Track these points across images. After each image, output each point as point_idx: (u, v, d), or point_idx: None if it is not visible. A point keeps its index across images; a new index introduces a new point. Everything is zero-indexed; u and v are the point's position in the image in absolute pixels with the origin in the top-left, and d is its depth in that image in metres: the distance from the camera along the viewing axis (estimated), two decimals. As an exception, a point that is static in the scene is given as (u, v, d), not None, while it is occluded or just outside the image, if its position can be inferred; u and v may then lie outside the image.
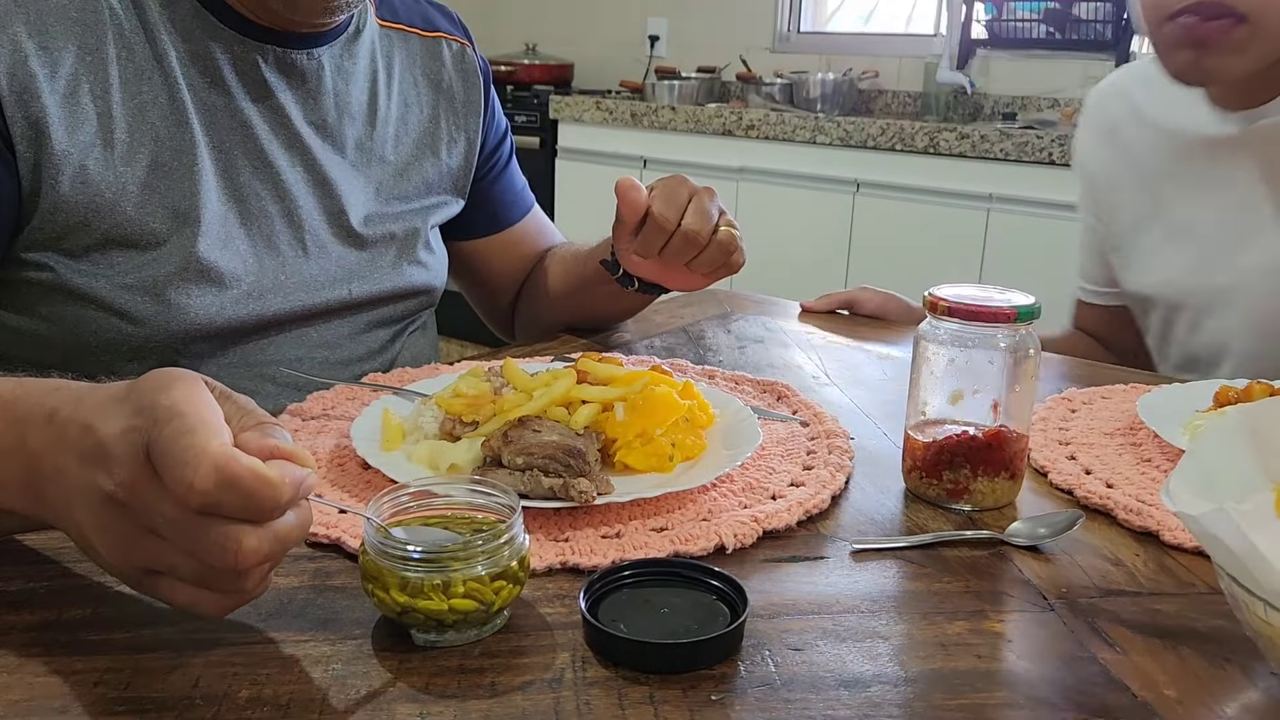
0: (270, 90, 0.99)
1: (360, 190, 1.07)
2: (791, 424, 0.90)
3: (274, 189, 0.99)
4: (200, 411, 0.51)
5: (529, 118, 3.73)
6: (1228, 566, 0.53)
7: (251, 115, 0.98)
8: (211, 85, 0.95)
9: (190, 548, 0.51)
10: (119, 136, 0.90)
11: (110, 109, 0.89)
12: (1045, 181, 2.77)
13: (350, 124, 1.06)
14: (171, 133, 0.92)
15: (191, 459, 0.49)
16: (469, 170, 1.18)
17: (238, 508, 0.50)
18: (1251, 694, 0.57)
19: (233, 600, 0.54)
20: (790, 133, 3.17)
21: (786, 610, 0.63)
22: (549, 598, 0.63)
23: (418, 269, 1.11)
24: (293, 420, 0.88)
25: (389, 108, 1.10)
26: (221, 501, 0.49)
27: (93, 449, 0.53)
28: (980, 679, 0.57)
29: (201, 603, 0.54)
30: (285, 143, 1.00)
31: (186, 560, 0.52)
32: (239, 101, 0.97)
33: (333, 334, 1.05)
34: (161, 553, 0.52)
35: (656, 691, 0.54)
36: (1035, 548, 0.72)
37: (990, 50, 3.42)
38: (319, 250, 1.02)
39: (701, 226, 0.98)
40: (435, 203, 1.15)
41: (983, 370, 0.76)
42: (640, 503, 0.73)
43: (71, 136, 0.87)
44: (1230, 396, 0.92)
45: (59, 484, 0.55)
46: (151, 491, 0.51)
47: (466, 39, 1.19)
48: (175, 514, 0.50)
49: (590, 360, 0.86)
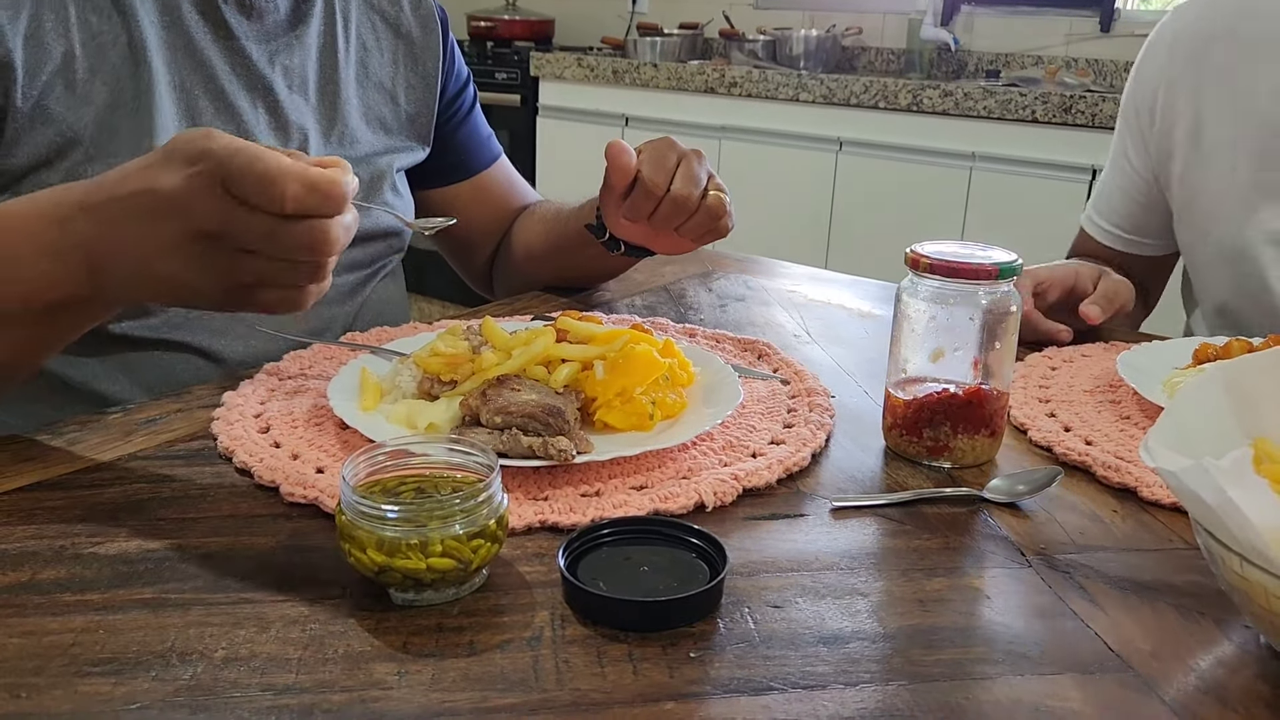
0: (231, 32, 0.99)
1: (321, 133, 1.07)
2: (772, 382, 0.90)
3: (236, 129, 0.99)
4: (252, 144, 0.62)
5: (509, 75, 3.69)
6: (1205, 521, 0.54)
7: (212, 56, 0.98)
8: (171, 25, 0.95)
9: (284, 251, 0.63)
10: (79, 76, 0.90)
11: (72, 48, 0.89)
12: (1028, 140, 2.76)
13: (310, 66, 1.06)
14: (131, 72, 0.92)
15: (276, 177, 0.61)
16: (430, 116, 1.18)
17: (318, 206, 0.62)
18: (1225, 646, 0.57)
19: (313, 293, 0.67)
20: (773, 90, 3.14)
21: (766, 568, 0.63)
22: (528, 556, 0.63)
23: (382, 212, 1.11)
24: (269, 379, 0.87)
25: (347, 52, 1.10)
26: (308, 204, 0.62)
27: (158, 205, 0.63)
28: (958, 634, 0.57)
29: (289, 298, 0.67)
30: (246, 84, 1.00)
31: (275, 265, 0.64)
32: (199, 42, 0.97)
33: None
34: (254, 265, 0.64)
35: (635, 649, 0.54)
36: (1014, 505, 0.72)
37: (974, 6, 3.40)
38: None
39: (690, 191, 0.97)
40: (397, 146, 1.15)
41: (963, 328, 0.76)
42: (620, 461, 0.73)
43: (33, 78, 0.87)
44: (1209, 353, 0.92)
45: (123, 255, 0.66)
46: (241, 214, 0.62)
47: None
48: (268, 226, 0.62)
49: (570, 319, 0.86)
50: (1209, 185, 1.22)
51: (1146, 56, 1.30)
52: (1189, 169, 1.24)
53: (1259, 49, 1.18)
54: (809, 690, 0.52)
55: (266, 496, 0.69)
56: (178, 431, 0.79)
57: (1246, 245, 1.19)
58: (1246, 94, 1.19)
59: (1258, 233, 1.18)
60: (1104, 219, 1.36)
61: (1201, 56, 1.23)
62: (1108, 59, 3.19)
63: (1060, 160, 2.71)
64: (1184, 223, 1.27)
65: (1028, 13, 3.31)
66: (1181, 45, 1.25)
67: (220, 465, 0.73)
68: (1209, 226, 1.23)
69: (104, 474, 0.72)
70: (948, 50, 3.37)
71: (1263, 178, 1.17)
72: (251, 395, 0.83)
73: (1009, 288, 0.75)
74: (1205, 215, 1.23)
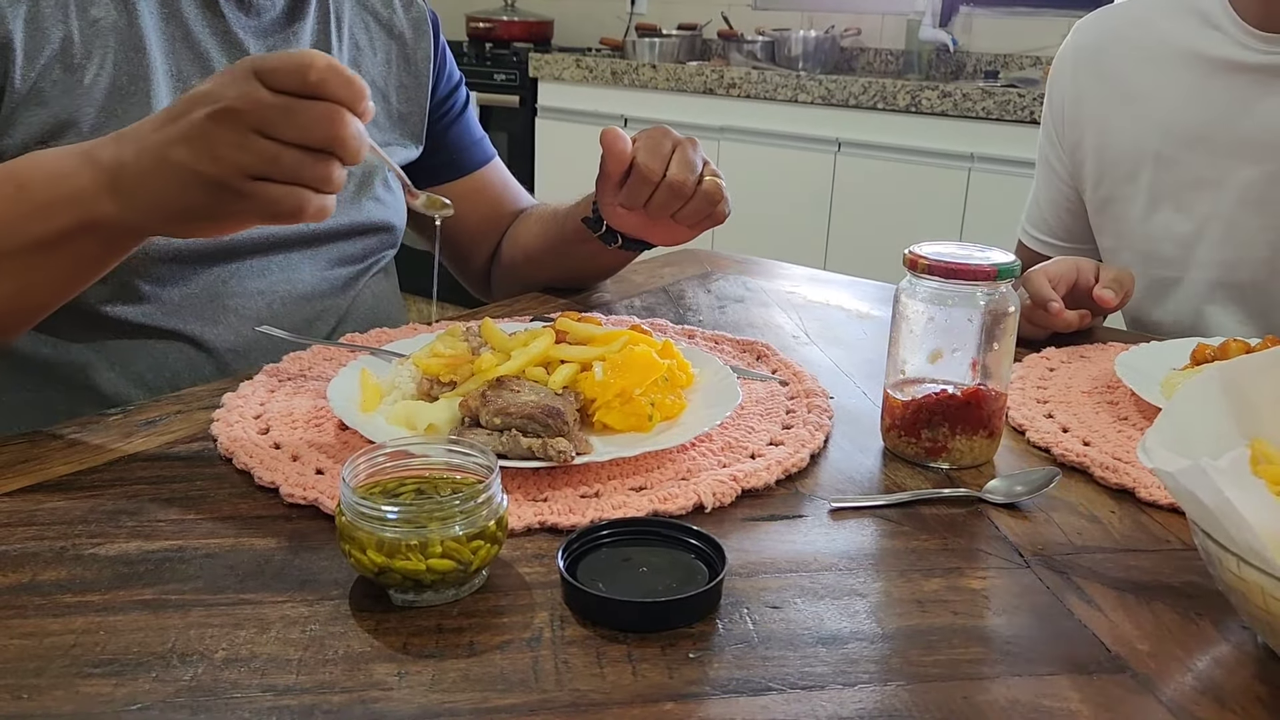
0: (227, 24, 1.01)
1: None
2: (771, 383, 0.90)
3: None
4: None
5: (508, 76, 3.69)
6: (1202, 522, 0.54)
7: (209, 47, 0.99)
8: (170, 17, 0.97)
9: (300, 130, 0.66)
10: (77, 60, 0.91)
11: (70, 33, 0.91)
12: (1027, 141, 2.76)
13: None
14: (129, 57, 0.93)
15: (304, 56, 0.65)
16: (422, 116, 1.19)
17: (340, 88, 0.65)
18: (1222, 647, 0.57)
19: (315, 202, 0.68)
20: (772, 91, 3.14)
21: (765, 568, 0.63)
22: (527, 557, 0.63)
23: (375, 205, 1.12)
24: (269, 380, 0.87)
25: (340, 51, 1.11)
26: (330, 80, 0.65)
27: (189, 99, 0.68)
28: (956, 635, 0.57)
29: (293, 196, 0.67)
30: None
31: (288, 152, 0.66)
32: (197, 34, 0.99)
33: (294, 267, 1.06)
34: (268, 149, 0.66)
35: (635, 650, 0.55)
36: (1013, 505, 0.72)
37: (973, 7, 3.40)
38: None
39: (686, 177, 0.98)
40: (389, 143, 1.15)
41: (962, 329, 0.76)
42: (619, 462, 0.73)
43: (32, 61, 0.89)
44: (1207, 354, 0.92)
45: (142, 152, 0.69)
46: (265, 95, 0.65)
47: None
48: (288, 103, 0.65)
49: (569, 320, 0.86)
50: (1117, 191, 1.27)
51: (1055, 71, 1.36)
52: (1100, 176, 1.29)
53: (1152, 56, 1.24)
54: (807, 691, 0.52)
55: (267, 497, 0.69)
56: (178, 433, 0.79)
57: (1154, 249, 1.24)
58: (1144, 100, 1.24)
59: (1164, 235, 1.22)
60: (1037, 230, 1.41)
61: (1101, 67, 1.29)
62: (1106, 60, 3.19)
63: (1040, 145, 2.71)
64: (1101, 229, 1.32)
65: (1026, 13, 3.31)
66: (1083, 58, 1.32)
67: (220, 466, 0.74)
68: (1121, 229, 1.28)
69: (104, 475, 0.72)
70: (946, 51, 3.37)
71: (1162, 180, 1.23)
72: (251, 396, 0.83)
73: (1007, 289, 0.75)
74: (1116, 219, 1.28)
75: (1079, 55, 1.32)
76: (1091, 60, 1.31)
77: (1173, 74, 1.22)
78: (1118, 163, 1.27)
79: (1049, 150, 1.38)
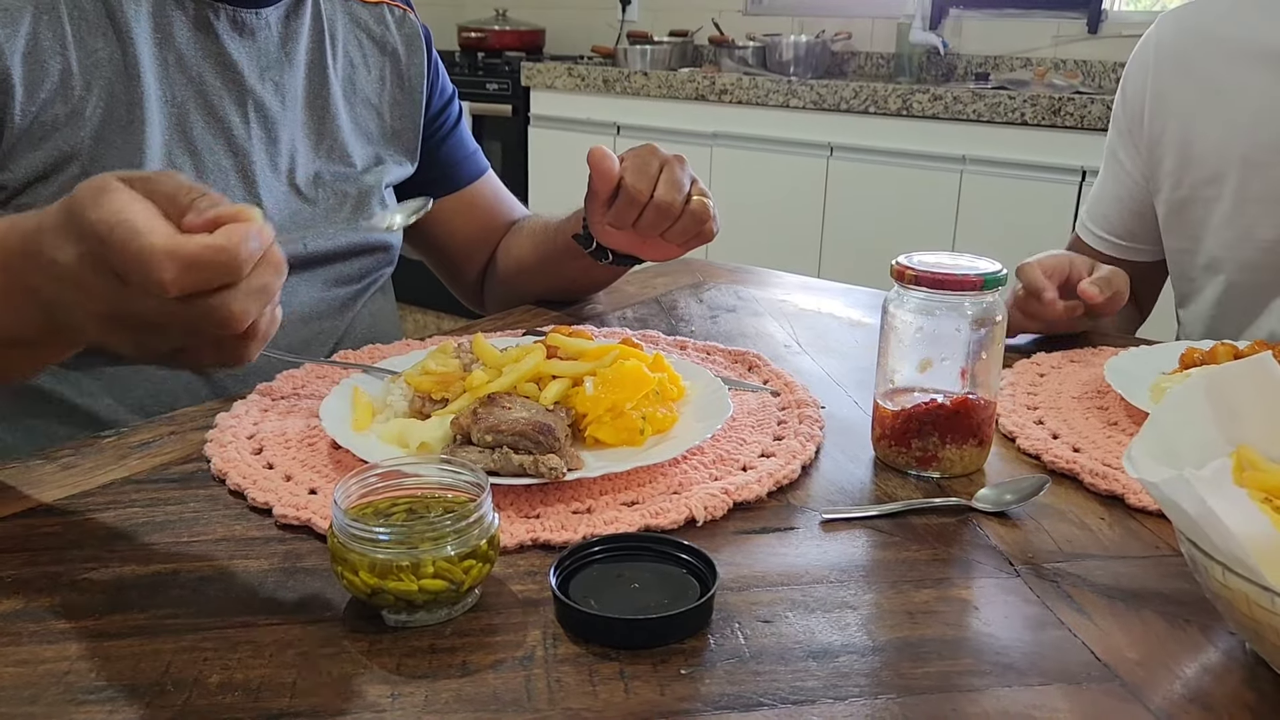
0: (223, 47, 1.00)
1: (311, 147, 1.08)
2: (762, 394, 0.90)
3: (227, 144, 1.01)
4: (134, 214, 0.56)
5: (500, 85, 3.70)
6: (1187, 531, 0.54)
7: (204, 72, 0.99)
8: (164, 42, 0.97)
9: (190, 328, 0.59)
10: (76, 93, 0.91)
11: (69, 66, 0.91)
12: (1018, 142, 2.77)
13: (300, 83, 1.07)
14: (125, 86, 0.93)
15: (147, 258, 0.55)
16: (416, 132, 1.19)
17: (210, 281, 0.57)
18: (1211, 654, 0.58)
19: (254, 344, 0.62)
20: (763, 97, 3.15)
21: (756, 582, 0.63)
22: (520, 575, 0.63)
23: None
24: (262, 400, 0.87)
25: (335, 69, 1.11)
26: (193, 283, 0.56)
27: (64, 277, 0.59)
28: (947, 646, 0.57)
29: (228, 358, 0.61)
30: (237, 99, 1.01)
31: (194, 337, 0.60)
32: (191, 58, 0.98)
33: (291, 289, 1.06)
34: (171, 339, 0.60)
35: (627, 667, 0.55)
36: (1003, 513, 0.72)
37: (963, 10, 3.41)
38: (273, 204, 1.04)
39: (674, 197, 0.98)
40: (385, 161, 1.16)
41: (950, 338, 0.77)
42: (611, 477, 0.74)
43: (32, 96, 0.89)
44: (1196, 358, 0.93)
45: (66, 312, 0.61)
46: (134, 296, 0.57)
47: (406, 4, 1.21)
48: (164, 306, 0.57)
49: (560, 334, 0.86)
50: (1197, 193, 1.23)
51: (1133, 66, 1.31)
52: (1180, 177, 1.24)
53: (1243, 54, 1.19)
54: (799, 705, 0.52)
55: (260, 519, 0.70)
56: (171, 454, 0.79)
57: (1234, 253, 1.20)
58: (1232, 101, 1.20)
59: (1245, 240, 1.19)
60: (1098, 226, 1.36)
61: (1186, 63, 1.24)
62: (1096, 60, 3.20)
63: (1050, 162, 2.72)
64: (1172, 230, 1.28)
65: (1015, 15, 3.32)
66: (1166, 53, 1.26)
67: (214, 488, 0.74)
68: (1199, 233, 1.24)
69: (98, 499, 0.72)
70: (937, 54, 3.38)
71: (1249, 185, 1.18)
72: (244, 416, 0.84)
73: (994, 298, 0.76)
74: (1194, 223, 1.24)
75: (1160, 51, 1.27)
76: (1175, 56, 1.25)
77: (1264, 75, 1.17)
78: (1201, 163, 1.22)
79: (1120, 147, 1.32)
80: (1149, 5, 3.25)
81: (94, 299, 0.59)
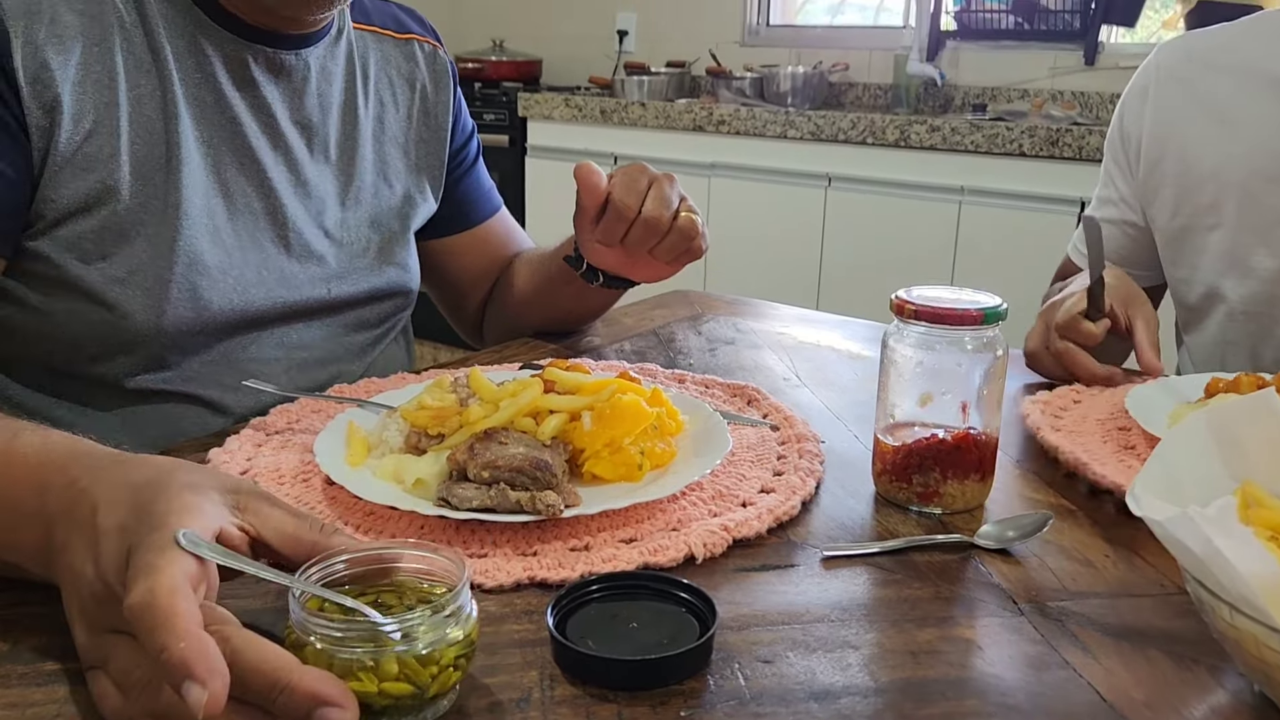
0: (258, 89, 1.00)
1: (340, 190, 1.08)
2: (762, 429, 0.90)
3: (259, 186, 1.01)
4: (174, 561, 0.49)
5: (498, 115, 3.71)
6: (1193, 570, 0.53)
7: (240, 112, 0.99)
8: (203, 81, 0.97)
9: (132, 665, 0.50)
10: (121, 127, 0.91)
11: (115, 99, 0.91)
12: (1016, 173, 2.78)
13: (332, 124, 1.07)
14: (165, 125, 0.94)
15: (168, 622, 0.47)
16: (440, 170, 1.19)
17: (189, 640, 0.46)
18: (1219, 695, 0.57)
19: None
20: (761, 128, 3.16)
21: (756, 621, 0.62)
22: (516, 614, 0.63)
23: (396, 270, 1.12)
24: (256, 434, 0.87)
25: (366, 108, 1.11)
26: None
27: (91, 538, 0.54)
28: (950, 687, 0.56)
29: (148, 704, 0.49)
30: (270, 141, 1.01)
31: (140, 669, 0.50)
32: (228, 99, 0.98)
33: (311, 336, 1.06)
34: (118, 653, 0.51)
35: (625, 710, 0.54)
36: (1005, 550, 0.72)
37: (959, 41, 3.43)
38: (301, 248, 1.04)
39: (661, 213, 0.99)
40: (412, 200, 1.15)
41: (950, 372, 0.76)
42: (609, 514, 0.73)
43: (77, 125, 0.89)
44: (1220, 388, 0.91)
45: (65, 554, 0.56)
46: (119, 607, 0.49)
47: (436, 40, 1.21)
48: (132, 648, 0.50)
49: (557, 368, 0.86)
50: (1196, 221, 1.23)
51: (1132, 92, 1.31)
52: (1178, 204, 1.24)
53: (1245, 82, 1.19)
54: (800, 749, 0.51)
55: (253, 556, 0.69)
56: (164, 490, 0.78)
57: (1233, 282, 1.20)
58: (1232, 126, 1.20)
59: (1244, 269, 1.19)
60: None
61: (1186, 87, 1.24)
62: (1093, 91, 3.22)
63: (1049, 193, 2.73)
64: (1171, 260, 1.27)
65: (1012, 47, 3.34)
66: (1165, 77, 1.26)
67: (207, 525, 0.73)
68: (1197, 262, 1.23)
69: (90, 536, 0.71)
70: (934, 85, 3.40)
71: (1247, 214, 1.18)
72: (238, 451, 0.83)
73: (995, 332, 0.75)
74: (1195, 251, 1.24)
75: (1161, 74, 1.27)
76: (1175, 80, 1.25)
77: (1265, 103, 1.17)
78: (1200, 189, 1.21)
79: (1115, 173, 1.32)
80: (1145, 37, 3.27)
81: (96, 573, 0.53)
